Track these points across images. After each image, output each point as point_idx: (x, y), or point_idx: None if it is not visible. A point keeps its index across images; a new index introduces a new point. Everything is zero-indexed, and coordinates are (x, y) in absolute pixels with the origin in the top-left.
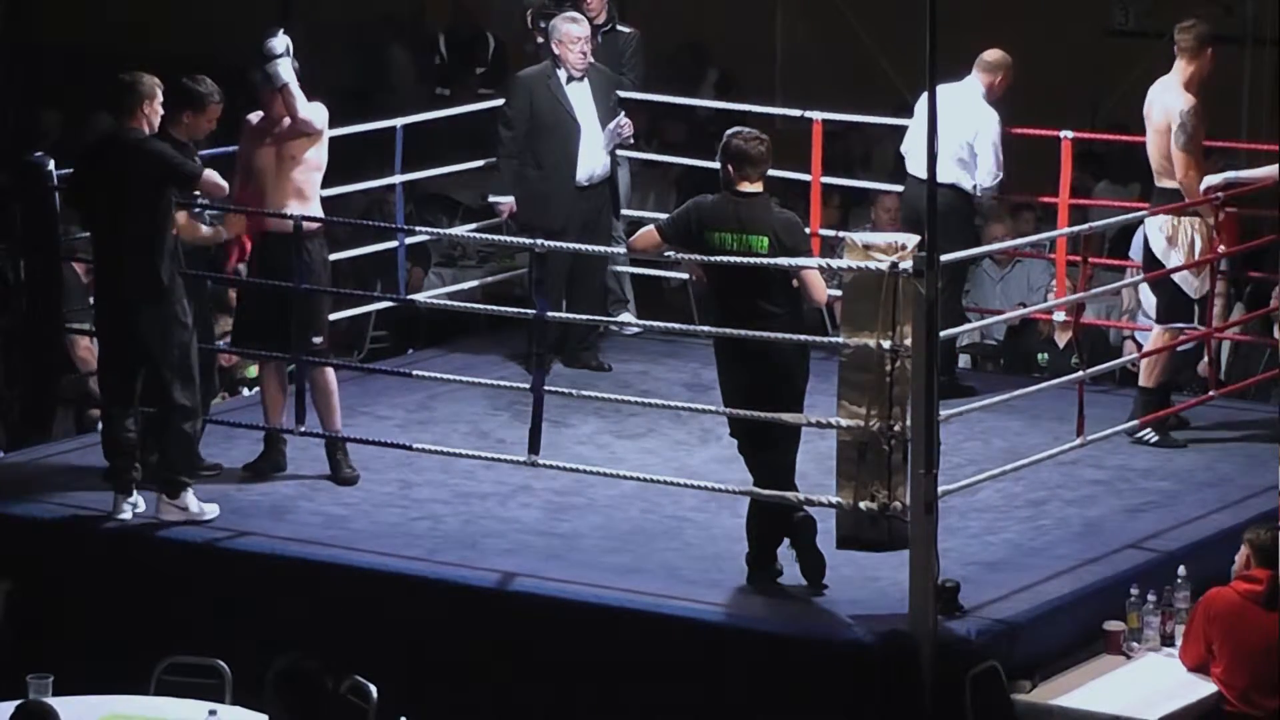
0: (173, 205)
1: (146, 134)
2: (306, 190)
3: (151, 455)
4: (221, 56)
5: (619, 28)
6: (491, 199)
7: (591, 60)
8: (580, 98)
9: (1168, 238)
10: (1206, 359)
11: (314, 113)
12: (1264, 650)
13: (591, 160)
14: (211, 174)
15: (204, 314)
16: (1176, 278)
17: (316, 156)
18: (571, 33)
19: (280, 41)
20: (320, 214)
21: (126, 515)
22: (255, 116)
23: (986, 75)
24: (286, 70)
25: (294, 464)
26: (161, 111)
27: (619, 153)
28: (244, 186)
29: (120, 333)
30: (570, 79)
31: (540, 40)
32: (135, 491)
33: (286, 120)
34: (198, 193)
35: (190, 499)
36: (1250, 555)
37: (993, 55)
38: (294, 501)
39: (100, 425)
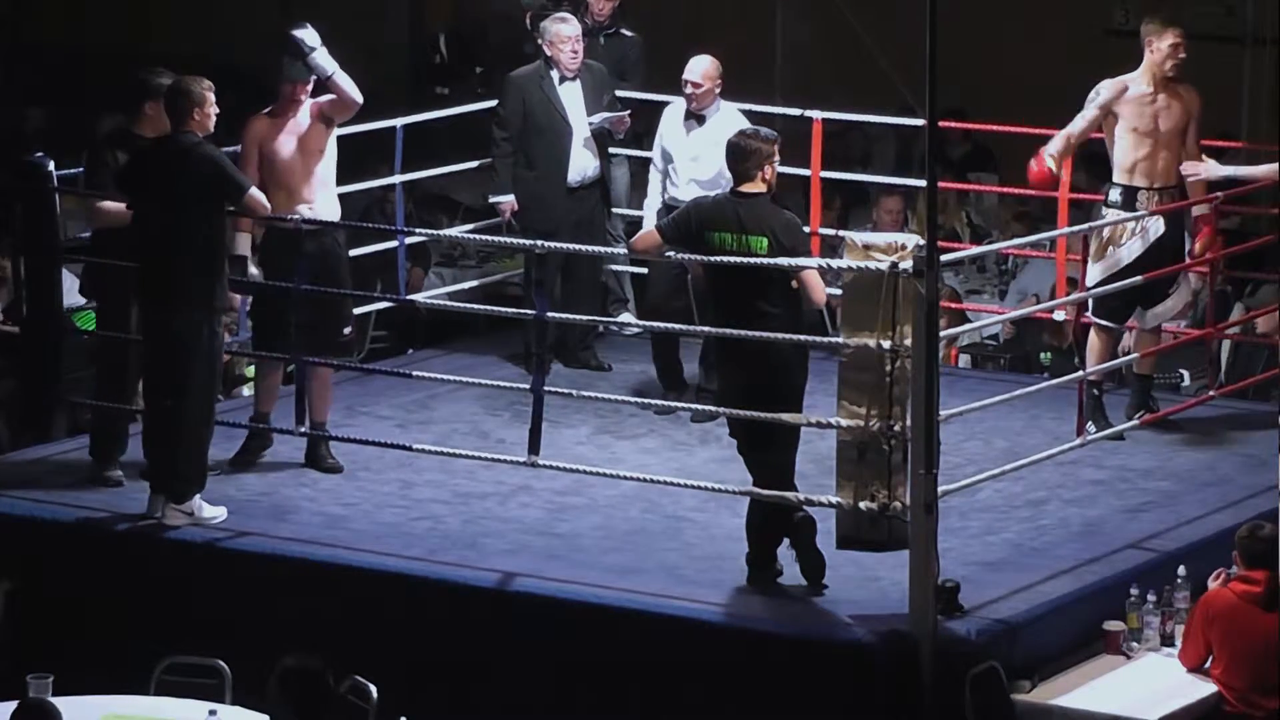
0: (224, 211)
1: (199, 138)
2: (330, 181)
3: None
4: (220, 56)
5: (623, 32)
6: (492, 199)
7: (585, 60)
8: (572, 98)
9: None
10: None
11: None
12: (1263, 651)
13: (583, 161)
14: (257, 192)
15: None
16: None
17: (332, 146)
18: (561, 33)
19: (313, 34)
20: (338, 203)
21: (159, 514)
22: (266, 111)
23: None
24: (328, 59)
25: (286, 454)
26: (214, 115)
27: (615, 151)
28: (265, 182)
29: (163, 332)
30: (563, 79)
31: (540, 41)
32: None
33: (304, 113)
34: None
35: (197, 504)
36: (1239, 555)
37: None
38: (294, 502)
39: (143, 425)
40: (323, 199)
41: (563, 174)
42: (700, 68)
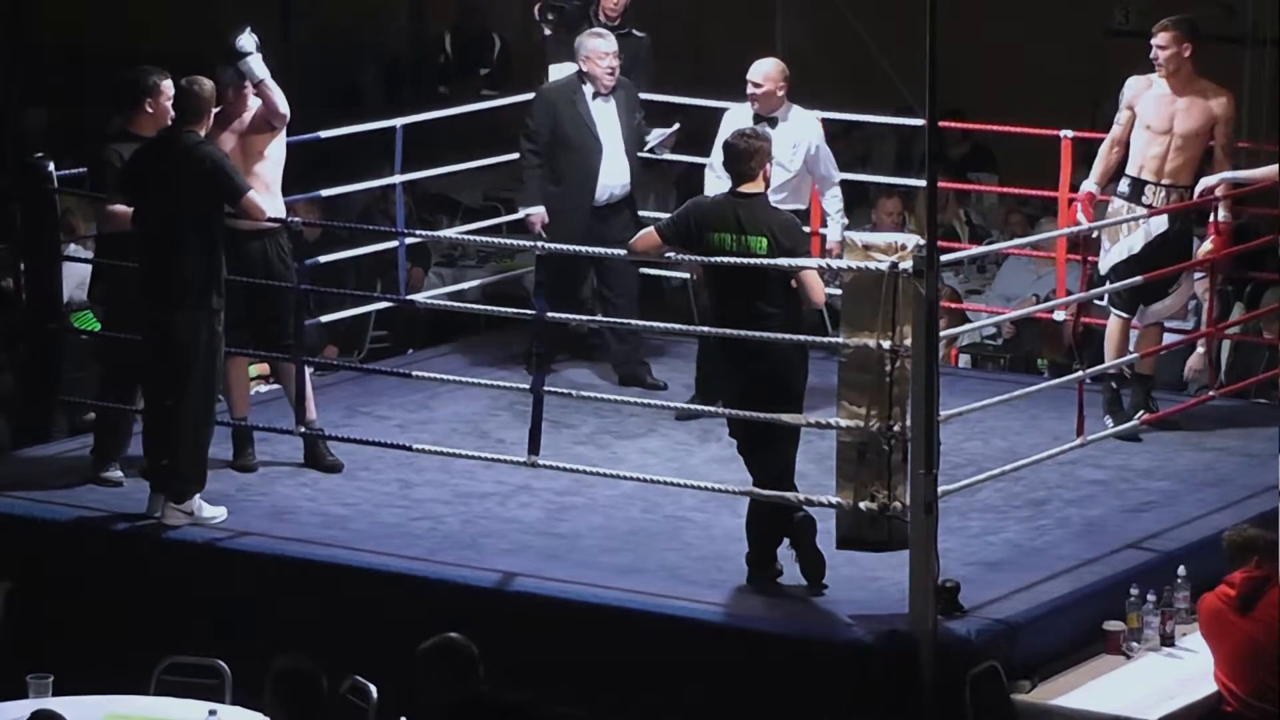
0: (223, 211)
1: (201, 138)
2: (272, 185)
3: (162, 459)
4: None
5: (634, 32)
6: (522, 211)
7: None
8: (605, 115)
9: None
10: (1207, 356)
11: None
12: (1246, 655)
13: (612, 179)
14: (255, 197)
15: None
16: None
17: (278, 150)
18: (599, 49)
19: (250, 39)
20: (282, 207)
21: (159, 514)
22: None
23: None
24: (260, 66)
25: (285, 454)
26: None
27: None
28: None
29: (161, 332)
30: (596, 95)
31: (547, 32)
32: None
33: (248, 115)
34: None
35: (197, 504)
36: (1230, 557)
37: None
38: (294, 502)
39: (143, 425)
40: (266, 201)
41: (589, 191)
42: (761, 69)
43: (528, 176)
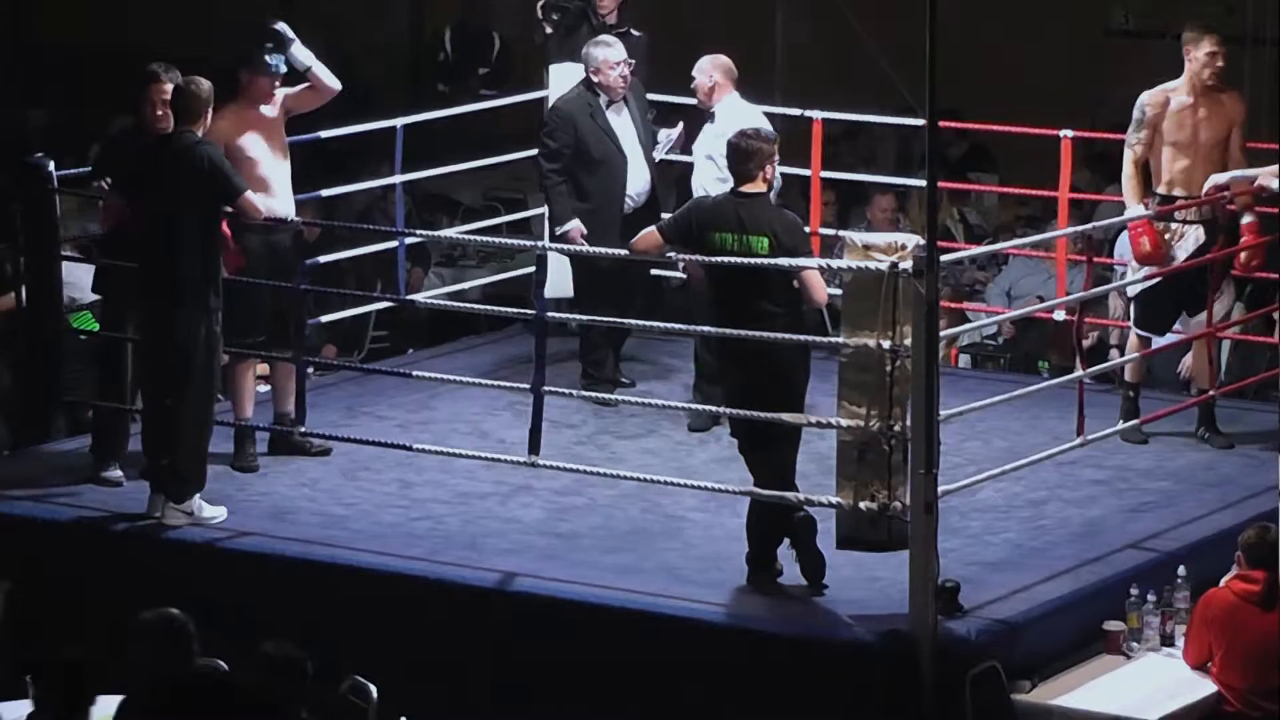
0: (221, 211)
1: (199, 137)
2: (287, 181)
3: (162, 459)
4: (221, 58)
5: (632, 32)
6: (560, 230)
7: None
8: (623, 124)
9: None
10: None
11: None
12: (1263, 651)
13: (635, 187)
14: (252, 196)
15: None
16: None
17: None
18: (609, 58)
19: (287, 28)
20: (292, 204)
21: (159, 514)
22: (235, 107)
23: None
24: (306, 53)
25: (283, 453)
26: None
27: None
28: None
29: (159, 331)
30: (610, 103)
31: (549, 30)
32: None
33: (271, 109)
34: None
35: (197, 504)
36: (1242, 556)
37: None
38: (294, 502)
39: (142, 425)
40: (288, 197)
41: (619, 205)
42: (698, 63)
43: (555, 195)
